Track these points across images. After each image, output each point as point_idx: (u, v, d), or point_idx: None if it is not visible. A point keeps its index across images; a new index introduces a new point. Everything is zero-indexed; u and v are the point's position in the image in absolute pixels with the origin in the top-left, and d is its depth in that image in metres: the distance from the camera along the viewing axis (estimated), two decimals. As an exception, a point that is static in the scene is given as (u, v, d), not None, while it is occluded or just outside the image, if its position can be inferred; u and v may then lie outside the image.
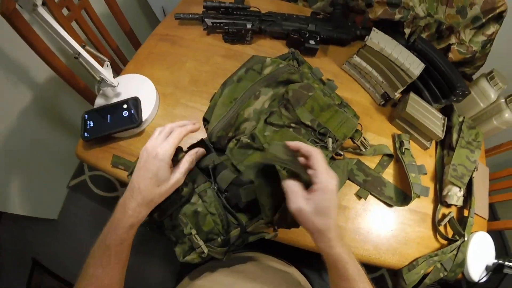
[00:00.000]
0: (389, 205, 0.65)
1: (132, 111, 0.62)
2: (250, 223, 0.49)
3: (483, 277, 0.70)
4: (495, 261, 0.70)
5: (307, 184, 0.40)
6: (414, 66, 0.64)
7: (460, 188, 0.68)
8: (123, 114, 0.62)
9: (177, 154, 0.46)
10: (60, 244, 1.18)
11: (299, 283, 0.60)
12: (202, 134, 0.57)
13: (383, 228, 0.63)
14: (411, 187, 0.62)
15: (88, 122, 0.62)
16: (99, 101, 0.66)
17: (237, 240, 0.49)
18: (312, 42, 0.69)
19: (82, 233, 1.20)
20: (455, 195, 0.67)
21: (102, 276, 0.39)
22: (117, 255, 0.39)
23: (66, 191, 1.26)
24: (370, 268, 0.57)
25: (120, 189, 1.28)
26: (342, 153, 0.62)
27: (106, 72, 0.61)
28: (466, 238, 0.66)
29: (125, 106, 0.63)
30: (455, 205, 0.69)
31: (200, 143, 0.56)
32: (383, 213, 0.65)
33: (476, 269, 0.70)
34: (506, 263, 0.67)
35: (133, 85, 0.67)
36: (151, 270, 1.15)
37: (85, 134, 0.60)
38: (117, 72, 0.85)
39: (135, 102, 0.63)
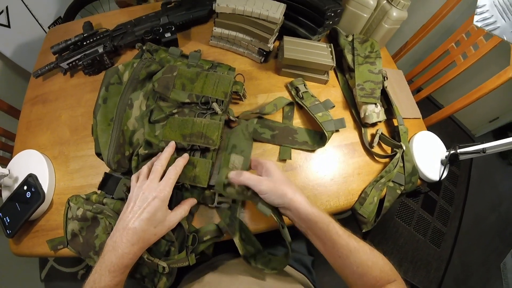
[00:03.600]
0: (312, 151, 0.63)
1: (33, 189, 0.61)
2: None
3: (443, 173, 0.69)
4: (447, 153, 0.69)
5: None
6: (273, 10, 0.61)
7: (375, 103, 0.66)
8: (27, 196, 0.61)
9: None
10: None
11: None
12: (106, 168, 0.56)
13: (317, 179, 0.62)
14: (322, 128, 0.59)
15: (4, 219, 0.61)
16: (5, 194, 0.64)
17: (188, 239, 0.49)
18: (167, 34, 0.64)
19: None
20: (373, 112, 0.65)
21: None
22: None
23: (43, 285, 1.21)
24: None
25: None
26: (236, 118, 0.61)
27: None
28: (404, 148, 0.64)
29: (25, 187, 0.61)
30: (379, 122, 0.67)
31: (106, 178, 0.55)
32: (311, 165, 0.63)
33: (432, 169, 0.69)
34: (459, 151, 0.66)
35: (24, 163, 0.65)
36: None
37: (8, 231, 0.60)
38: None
39: (31, 180, 0.61)
